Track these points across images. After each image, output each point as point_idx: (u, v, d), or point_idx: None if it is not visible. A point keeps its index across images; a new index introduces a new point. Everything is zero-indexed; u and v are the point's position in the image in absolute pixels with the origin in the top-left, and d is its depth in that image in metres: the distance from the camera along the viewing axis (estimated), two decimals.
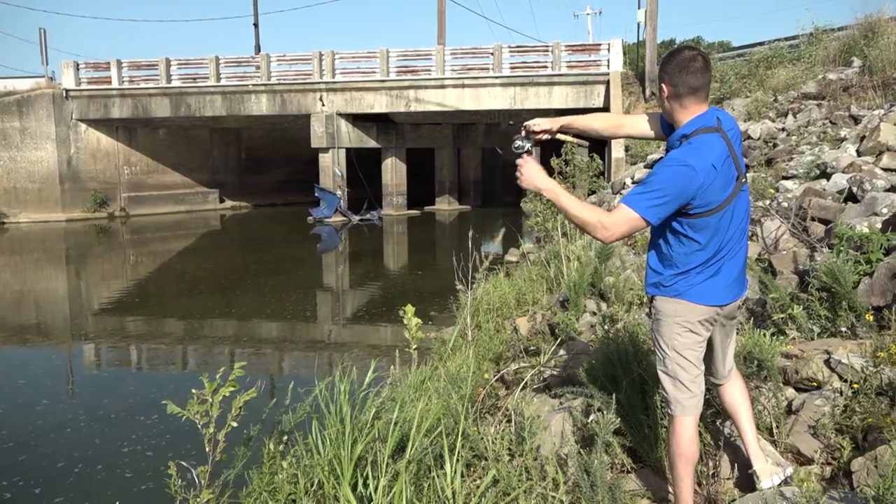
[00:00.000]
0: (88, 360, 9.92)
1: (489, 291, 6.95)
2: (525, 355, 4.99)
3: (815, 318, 4.13)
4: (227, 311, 12.26)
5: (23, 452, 6.31)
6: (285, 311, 12.14)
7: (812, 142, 9.01)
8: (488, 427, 3.64)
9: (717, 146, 2.50)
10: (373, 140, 27.18)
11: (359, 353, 9.48)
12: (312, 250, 21.67)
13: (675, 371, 2.64)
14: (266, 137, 32.32)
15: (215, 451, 2.66)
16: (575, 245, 7.49)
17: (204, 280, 15.73)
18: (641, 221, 2.46)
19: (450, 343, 5.37)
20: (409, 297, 12.78)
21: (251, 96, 25.68)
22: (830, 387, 3.34)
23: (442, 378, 4.08)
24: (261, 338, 10.69)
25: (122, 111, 26.40)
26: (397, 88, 24.71)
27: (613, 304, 5.60)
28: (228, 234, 25.70)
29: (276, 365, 9.11)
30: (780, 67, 15.79)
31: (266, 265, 17.53)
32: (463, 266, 6.01)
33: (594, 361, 3.79)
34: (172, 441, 6.30)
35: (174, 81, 26.17)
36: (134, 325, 11.70)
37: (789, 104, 12.06)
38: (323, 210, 26.14)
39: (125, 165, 27.67)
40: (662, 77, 2.61)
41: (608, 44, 23.08)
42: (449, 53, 24.49)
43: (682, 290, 2.59)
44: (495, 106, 24.13)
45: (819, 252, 5.11)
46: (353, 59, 25.48)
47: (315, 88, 25.22)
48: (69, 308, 13.47)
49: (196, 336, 10.87)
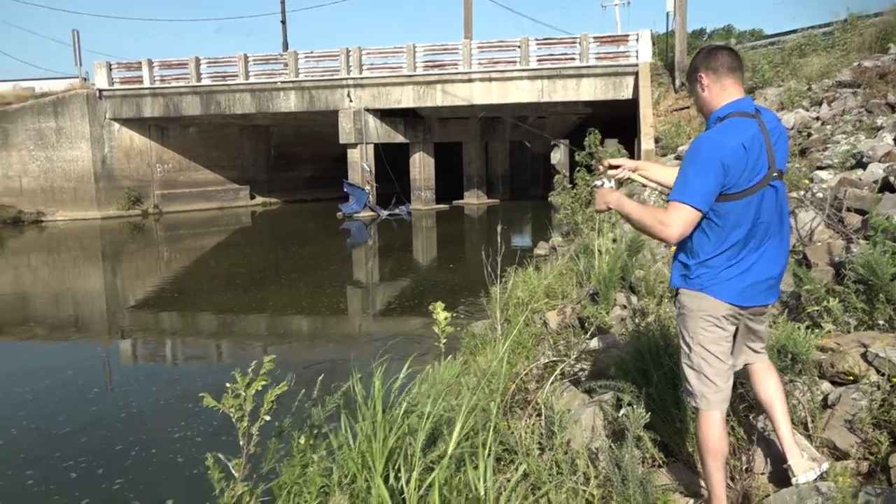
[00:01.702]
0: (132, 352, 10.17)
1: (518, 285, 6.94)
2: (555, 349, 4.98)
3: (851, 310, 4.06)
4: (261, 306, 12.41)
5: (82, 435, 6.60)
6: (317, 305, 12.24)
7: (847, 131, 8.83)
8: (518, 421, 3.64)
9: (750, 129, 2.49)
10: (400, 135, 27.24)
11: (389, 346, 9.50)
12: (342, 245, 21.81)
13: (700, 365, 2.61)
14: (295, 134, 32.57)
15: (249, 444, 2.70)
16: (604, 238, 7.44)
17: (237, 275, 15.93)
18: (694, 211, 2.46)
19: (480, 338, 5.38)
20: (439, 291, 12.89)
21: (279, 93, 25.88)
22: (867, 381, 3.28)
23: (472, 373, 4.09)
24: (293, 332, 10.81)
25: (154, 110, 26.78)
26: (424, 83, 24.72)
27: (644, 297, 5.56)
28: (260, 231, 25.97)
29: (309, 358, 9.21)
30: (814, 55, 15.49)
31: (297, 260, 17.68)
32: (492, 260, 6.01)
33: (624, 355, 3.77)
34: (220, 427, 6.50)
35: (204, 80, 26.48)
36: (172, 319, 11.91)
37: (823, 93, 11.83)
38: (352, 205, 26.28)
39: (158, 163, 28.10)
40: (697, 69, 2.63)
41: (637, 34, 22.82)
42: (476, 47, 24.42)
43: (706, 284, 2.56)
44: (523, 99, 24.02)
45: (855, 243, 5.02)
46: (380, 54, 25.53)
47: (343, 84, 25.33)
48: (109, 303, 13.74)
49: (231, 330, 11.03)
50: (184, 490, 5.26)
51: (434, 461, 2.90)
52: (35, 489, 5.55)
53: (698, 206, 2.45)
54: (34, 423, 6.93)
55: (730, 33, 41.06)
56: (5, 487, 5.60)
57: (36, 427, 6.84)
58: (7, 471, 5.88)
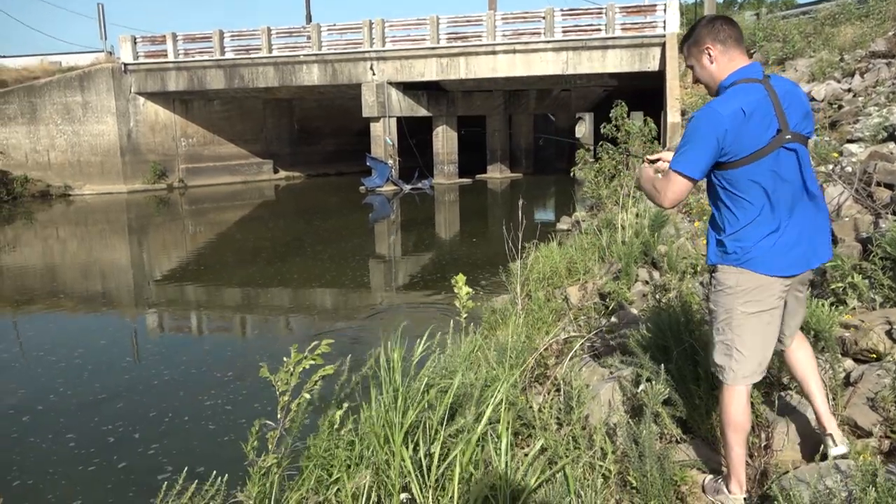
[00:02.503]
0: (160, 323, 10.37)
1: (540, 260, 6.93)
2: (575, 324, 4.98)
3: (877, 287, 4.01)
4: (285, 279, 12.55)
5: (118, 401, 6.85)
6: (340, 278, 12.35)
7: (880, 103, 8.64)
8: (537, 396, 3.67)
9: (753, 93, 2.48)
10: (423, 108, 27.13)
11: (412, 320, 9.58)
12: (365, 219, 21.89)
13: (732, 340, 2.58)
14: (318, 108, 32.58)
15: (286, 418, 2.77)
16: (628, 213, 7.39)
17: (261, 249, 16.08)
18: (685, 180, 2.51)
19: (500, 313, 5.40)
20: (461, 266, 12.91)
21: (303, 67, 25.85)
22: (891, 358, 3.25)
23: (492, 347, 4.11)
24: (317, 304, 10.93)
25: (179, 84, 26.91)
26: (447, 56, 24.53)
27: (666, 272, 5.53)
28: (283, 205, 26.14)
29: (333, 330, 9.32)
30: (848, 25, 15.10)
31: (321, 234, 17.79)
32: (513, 235, 6.00)
33: (645, 331, 3.76)
34: (247, 397, 6.71)
35: (228, 53, 26.52)
36: (198, 292, 12.09)
37: (856, 63, 11.56)
38: (375, 179, 26.32)
39: (182, 137, 28.31)
40: (704, 41, 2.60)
41: (664, 4, 22.37)
42: (500, 18, 24.14)
43: (744, 259, 2.52)
44: (547, 71, 23.75)
45: (884, 219, 4.93)
46: (403, 26, 25.34)
47: (365, 57, 25.23)
48: (136, 276, 13.97)
49: (256, 303, 11.18)
50: (215, 457, 5.41)
51: (453, 434, 2.95)
52: (76, 451, 5.76)
53: (689, 173, 2.49)
54: (70, 390, 7.17)
55: (761, 2, 40.12)
56: (48, 450, 5.80)
57: (73, 394, 7.08)
58: (48, 434, 6.09)
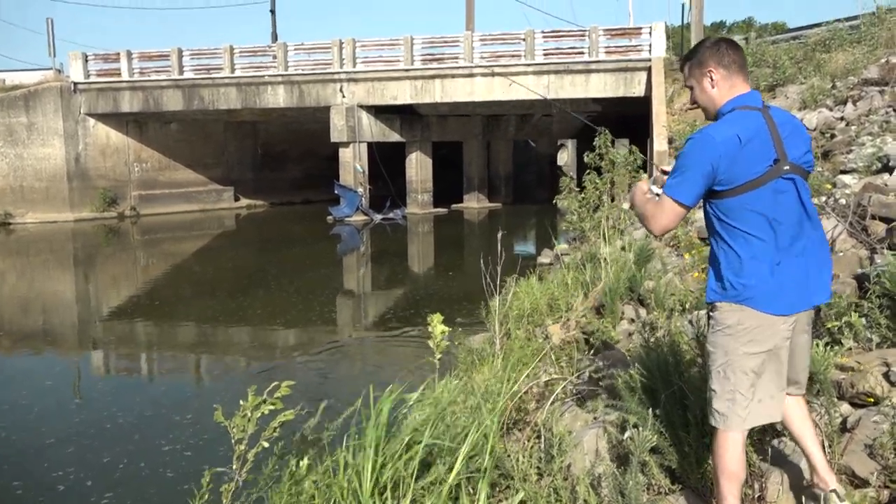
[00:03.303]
0: (111, 363, 10.28)
1: (520, 296, 6.94)
2: (557, 366, 4.98)
3: (874, 326, 4.07)
4: (245, 316, 12.42)
5: (69, 446, 6.72)
6: (306, 315, 12.25)
7: (873, 132, 8.85)
8: (516, 444, 3.64)
9: (751, 121, 2.55)
10: (396, 133, 27.29)
11: (382, 361, 9.54)
12: (333, 251, 21.82)
13: (736, 385, 2.57)
14: (283, 131, 32.62)
15: (242, 469, 2.72)
16: (613, 246, 7.45)
17: (221, 283, 15.94)
18: (677, 206, 2.57)
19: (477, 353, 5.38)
20: (435, 301, 12.90)
21: (267, 88, 25.94)
22: (889, 402, 3.29)
23: (468, 391, 4.09)
24: (280, 345, 10.81)
25: (133, 105, 26.83)
26: (422, 78, 24.78)
27: (653, 310, 5.57)
28: (245, 235, 26.00)
29: (295, 373, 9.21)
30: (839, 51, 15.53)
31: (285, 267, 17.68)
32: (491, 269, 6.01)
33: (631, 372, 3.77)
34: (210, 440, 6.62)
35: (187, 73, 26.54)
36: (151, 329, 11.94)
37: (849, 91, 11.86)
38: (343, 209, 26.30)
39: (136, 162, 28.13)
40: (706, 65, 2.67)
41: (650, 27, 22.91)
42: (478, 40, 24.49)
43: (746, 296, 2.54)
44: (528, 95, 24.07)
45: (880, 254, 5.03)
46: (376, 46, 25.60)
47: (335, 79, 25.40)
48: (82, 312, 13.73)
49: (214, 341, 11.06)
50: None
51: (426, 488, 2.91)
52: (23, 501, 5.65)
53: (682, 200, 2.55)
54: (16, 435, 7.05)
55: (750, 26, 41.22)
56: None
57: (18, 438, 6.96)
58: None
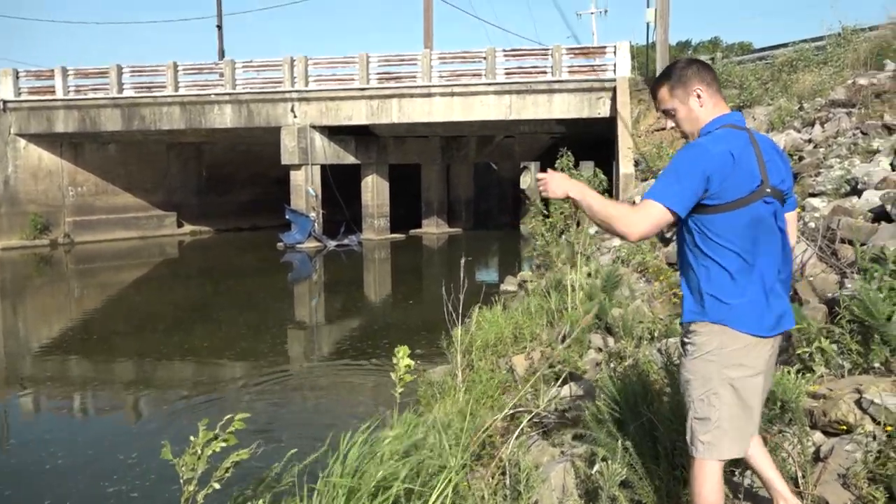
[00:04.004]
0: (45, 402, 9.99)
1: (483, 326, 6.98)
2: (522, 398, 5.02)
3: (845, 352, 4.19)
4: (192, 349, 12.23)
5: (5, 488, 6.56)
6: (255, 349, 12.10)
7: (842, 154, 9.16)
8: (480, 481, 3.66)
9: (740, 140, 2.63)
10: (351, 155, 27.32)
11: (339, 396, 9.46)
12: (284, 280, 21.64)
13: (720, 413, 2.60)
14: (230, 153, 32.42)
15: None
16: (579, 273, 7.55)
17: (163, 315, 15.68)
18: (667, 213, 2.54)
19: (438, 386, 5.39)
20: (394, 332, 12.88)
21: (214, 107, 25.81)
22: (862, 430, 3.38)
23: (429, 426, 4.10)
24: (229, 379, 10.64)
25: (68, 125, 26.45)
26: (379, 97, 24.91)
27: (621, 339, 5.65)
28: (188, 263, 25.65)
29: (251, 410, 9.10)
30: (806, 72, 16.06)
31: (231, 298, 17.49)
32: (453, 298, 6.05)
33: (599, 404, 3.82)
34: (157, 482, 6.47)
35: (126, 91, 26.29)
36: (90, 365, 11.68)
37: (816, 112, 12.26)
38: (294, 235, 26.15)
39: (70, 186, 27.67)
40: (693, 83, 2.74)
41: (614, 46, 23.37)
42: (437, 58, 24.74)
43: (729, 316, 2.59)
44: (488, 116, 24.34)
45: (850, 278, 5.19)
46: (329, 64, 25.68)
47: (286, 98, 25.39)
48: (9, 347, 13.38)
49: (156, 378, 10.83)
50: None
51: None
52: None
53: (671, 206, 2.54)
54: None
55: (717, 46, 42.35)
56: None
57: None
58: None
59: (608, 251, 9.94)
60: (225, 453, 2.71)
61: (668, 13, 23.28)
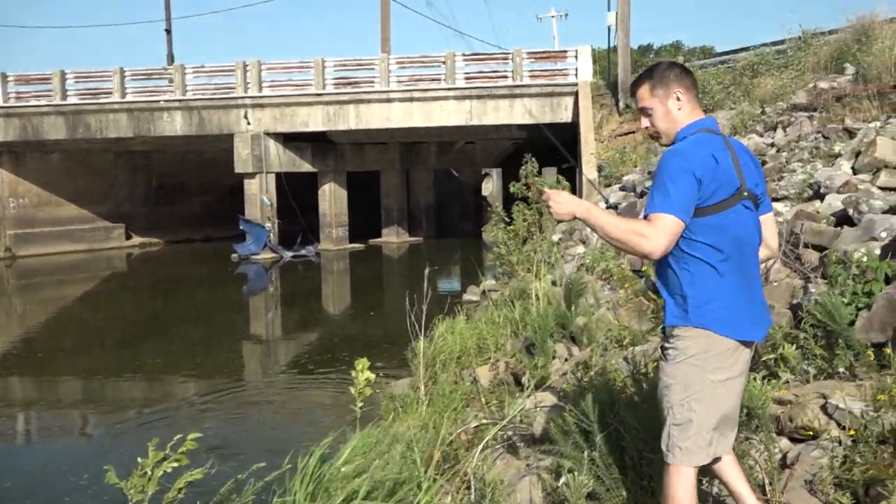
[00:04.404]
0: None
1: (445, 337, 7.00)
2: (487, 410, 5.04)
3: (810, 358, 4.29)
4: (143, 366, 12.07)
5: None
6: (209, 365, 11.99)
7: (804, 158, 9.36)
8: (445, 496, 3.66)
9: (718, 144, 2.71)
10: (307, 163, 27.20)
11: (297, 411, 9.40)
12: (238, 293, 21.45)
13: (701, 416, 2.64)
14: (181, 162, 32.07)
15: None
16: (543, 281, 7.61)
17: (112, 331, 15.46)
18: (678, 222, 2.58)
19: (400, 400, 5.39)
20: (354, 344, 12.84)
21: (163, 114, 25.52)
22: (828, 435, 3.46)
23: (392, 441, 4.10)
24: (182, 397, 10.52)
25: (8, 133, 25.97)
26: (335, 103, 24.86)
27: (586, 347, 5.70)
28: (138, 277, 25.30)
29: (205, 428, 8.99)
30: (768, 75, 16.39)
31: (183, 313, 17.29)
32: (416, 309, 6.06)
33: (565, 415, 3.85)
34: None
35: (71, 98, 25.92)
36: (35, 384, 11.47)
37: (778, 116, 12.51)
38: (249, 246, 25.94)
39: (11, 197, 27.11)
40: (672, 86, 2.81)
41: (576, 50, 23.65)
42: (395, 63, 24.78)
43: (711, 320, 2.64)
44: (449, 122, 24.43)
45: (814, 283, 5.31)
46: (284, 69, 25.59)
47: (239, 104, 25.21)
48: None
49: (109, 395, 10.70)
50: None
51: None
52: None
53: (680, 216, 2.58)
54: None
55: (678, 50, 43.01)
56: None
57: None
58: None
59: (572, 259, 10.04)
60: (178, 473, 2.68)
61: (629, 17, 23.61)
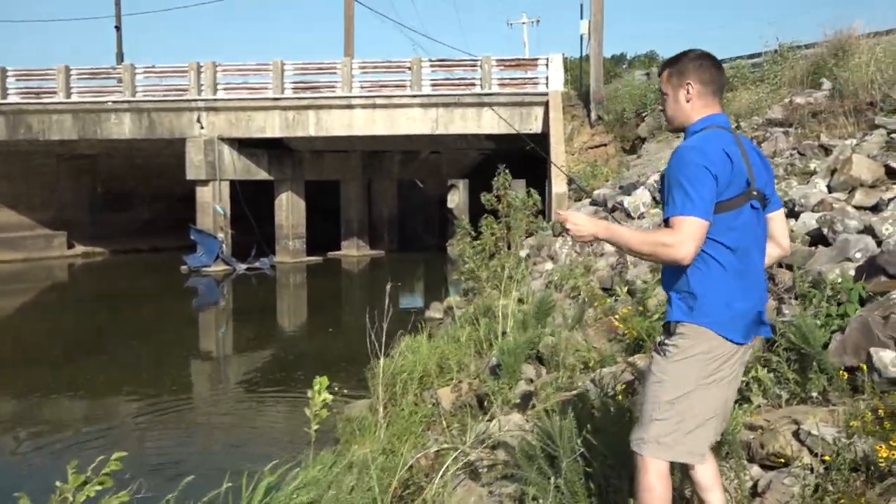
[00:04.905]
0: None
1: (406, 356, 6.98)
2: (448, 434, 5.03)
3: (783, 382, 4.34)
4: (82, 385, 11.88)
5: None
6: (154, 384, 11.83)
7: (779, 175, 9.52)
8: None
9: (728, 141, 2.76)
10: (263, 171, 27.06)
11: (248, 432, 9.30)
12: (187, 308, 21.24)
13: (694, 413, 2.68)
14: (130, 167, 31.74)
15: None
16: (509, 298, 7.63)
17: (47, 348, 15.21)
18: (702, 222, 2.61)
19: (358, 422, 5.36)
20: (309, 363, 12.76)
21: (111, 116, 25.25)
22: (800, 462, 3.51)
23: (347, 467, 4.07)
24: (123, 417, 10.37)
25: None
26: (294, 108, 24.77)
27: (554, 369, 5.73)
28: (80, 289, 24.95)
29: (145, 449, 8.87)
30: (743, 89, 16.66)
31: (128, 328, 17.05)
32: (377, 326, 6.04)
33: (530, 439, 3.86)
34: None
35: (11, 97, 25.58)
36: None
37: (753, 131, 12.71)
38: (200, 257, 25.72)
39: None
40: (686, 76, 2.87)
41: (547, 59, 23.85)
42: (357, 67, 24.79)
43: (714, 319, 2.68)
44: (414, 130, 24.46)
45: (787, 304, 5.39)
46: (240, 72, 25.49)
47: (192, 107, 25.02)
48: None
49: (38, 417, 10.46)
50: None
51: None
52: None
53: (703, 216, 2.61)
54: None
55: (653, 60, 43.66)
56: None
57: None
58: None
59: (540, 275, 10.09)
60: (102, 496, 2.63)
61: (603, 25, 23.87)
